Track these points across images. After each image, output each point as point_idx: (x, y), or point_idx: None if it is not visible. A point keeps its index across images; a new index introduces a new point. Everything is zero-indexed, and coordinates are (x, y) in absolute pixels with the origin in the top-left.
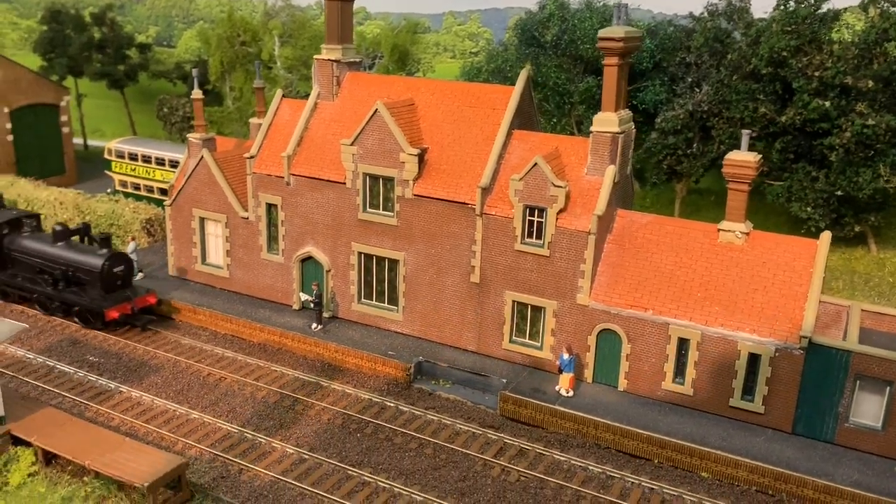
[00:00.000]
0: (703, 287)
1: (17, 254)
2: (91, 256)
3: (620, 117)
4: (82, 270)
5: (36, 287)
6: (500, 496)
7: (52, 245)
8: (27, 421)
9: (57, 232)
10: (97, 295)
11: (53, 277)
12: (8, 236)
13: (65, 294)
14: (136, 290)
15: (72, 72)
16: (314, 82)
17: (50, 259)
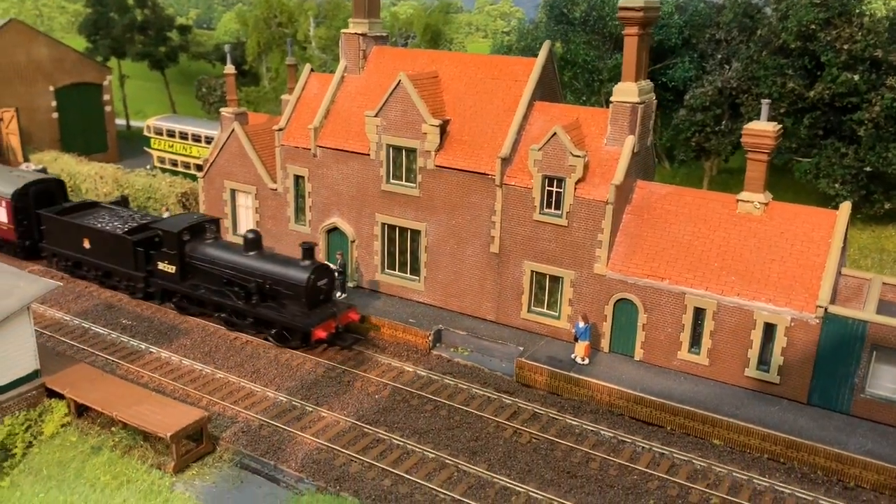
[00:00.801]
0: (721, 257)
1: (201, 263)
2: (293, 268)
3: (640, 87)
4: (283, 284)
5: (224, 301)
6: (510, 456)
7: (243, 255)
8: (61, 375)
9: (249, 240)
10: (299, 311)
11: (247, 291)
12: (189, 243)
13: (260, 309)
14: (337, 305)
15: (115, 53)
16: (341, 56)
17: (243, 270)
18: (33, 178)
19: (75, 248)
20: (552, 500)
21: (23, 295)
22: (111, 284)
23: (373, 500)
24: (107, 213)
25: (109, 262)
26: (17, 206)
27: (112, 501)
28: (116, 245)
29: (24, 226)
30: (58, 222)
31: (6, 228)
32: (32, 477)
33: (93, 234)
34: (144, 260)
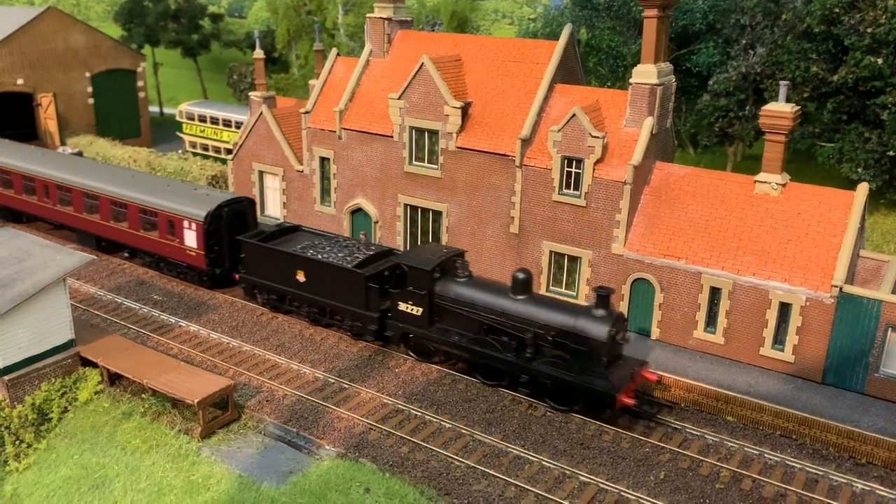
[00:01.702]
0: (737, 237)
1: (455, 305)
2: (586, 319)
3: (660, 69)
4: (573, 336)
5: (485, 351)
6: (525, 427)
7: (512, 298)
8: (95, 345)
9: (519, 281)
10: (593, 370)
11: (519, 342)
12: (440, 281)
13: (538, 365)
14: (627, 360)
15: (149, 41)
16: (366, 40)
17: (514, 317)
18: (224, 197)
19: (285, 280)
20: (564, 469)
21: (59, 267)
22: (326, 322)
23: (390, 466)
24: (319, 241)
25: (331, 298)
26: (208, 230)
27: (142, 464)
28: (343, 280)
29: (216, 252)
30: (263, 251)
31: (194, 254)
32: (67, 440)
33: (311, 266)
34: (378, 298)
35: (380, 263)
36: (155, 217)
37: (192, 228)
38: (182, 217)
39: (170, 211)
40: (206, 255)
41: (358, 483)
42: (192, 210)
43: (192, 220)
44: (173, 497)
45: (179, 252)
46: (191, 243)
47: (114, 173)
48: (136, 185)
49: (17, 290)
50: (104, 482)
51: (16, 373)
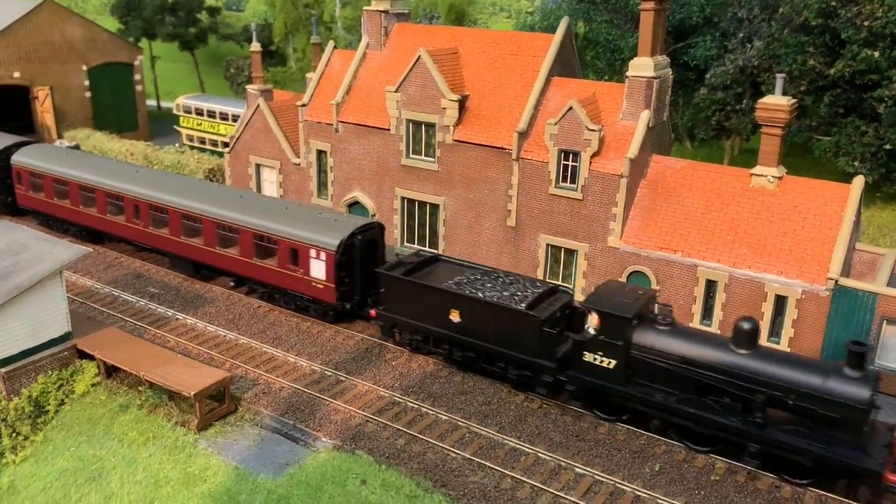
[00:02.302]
0: (733, 230)
1: (658, 359)
2: (840, 380)
3: (656, 62)
4: (821, 400)
5: (700, 414)
6: (521, 420)
7: (733, 351)
8: (91, 338)
9: (743, 332)
10: (841, 439)
11: (747, 404)
12: (638, 330)
13: (775, 433)
14: (875, 425)
15: (146, 34)
16: (363, 33)
17: (740, 374)
18: (357, 223)
19: (435, 319)
20: (559, 461)
21: (56, 260)
22: (482, 368)
23: (387, 458)
24: (474, 274)
25: (494, 343)
26: (340, 261)
27: (139, 456)
28: (510, 322)
29: (347, 284)
30: (410, 286)
31: (321, 287)
32: (64, 432)
33: (471, 305)
34: (554, 345)
35: (550, 302)
36: (274, 244)
37: (320, 258)
38: (309, 245)
39: (294, 238)
40: (336, 287)
41: (354, 475)
42: (322, 238)
43: (321, 250)
44: (170, 489)
45: (303, 284)
46: (318, 275)
47: (219, 193)
48: (248, 207)
49: (13, 283)
50: (101, 474)
51: (12, 365)
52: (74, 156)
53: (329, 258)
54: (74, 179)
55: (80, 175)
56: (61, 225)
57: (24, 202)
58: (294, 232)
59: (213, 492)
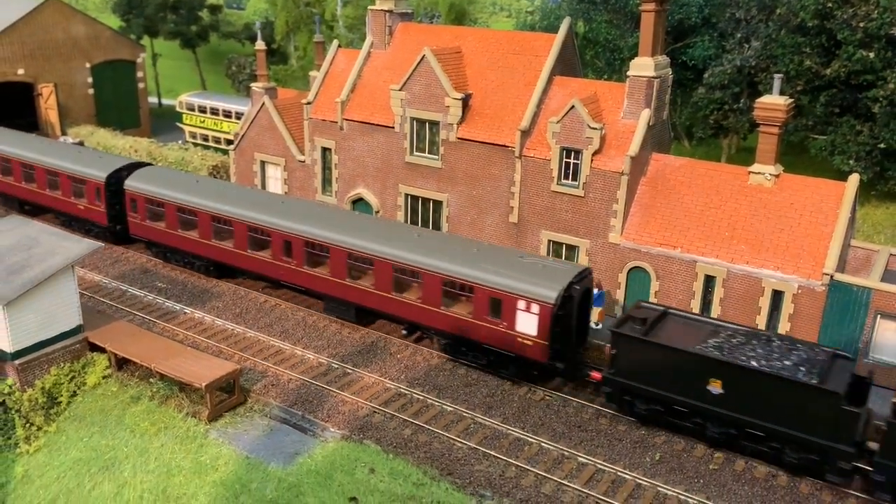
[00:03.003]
0: (731, 227)
1: None
2: None
3: (657, 62)
4: None
5: None
6: (524, 411)
7: None
8: (102, 331)
9: None
10: None
11: None
12: None
13: None
14: None
15: (148, 31)
16: (367, 32)
17: None
18: (573, 271)
19: (687, 389)
20: (562, 451)
21: (67, 254)
22: (743, 448)
23: (394, 447)
24: (732, 336)
25: (770, 420)
26: (557, 315)
27: (151, 446)
28: (794, 398)
29: (561, 341)
30: (652, 349)
31: (531, 344)
32: (77, 423)
33: (740, 375)
34: (854, 425)
35: (839, 370)
36: (467, 292)
37: (531, 311)
38: (518, 296)
39: (497, 287)
40: (549, 345)
41: (363, 463)
42: (535, 289)
43: (533, 301)
44: (182, 478)
45: (504, 339)
46: (526, 329)
47: (392, 231)
48: (432, 248)
49: (26, 277)
50: (114, 464)
51: (26, 357)
52: (203, 182)
53: (544, 312)
54: (206, 209)
55: (213, 205)
56: (183, 258)
57: (138, 231)
58: (497, 280)
59: (224, 480)
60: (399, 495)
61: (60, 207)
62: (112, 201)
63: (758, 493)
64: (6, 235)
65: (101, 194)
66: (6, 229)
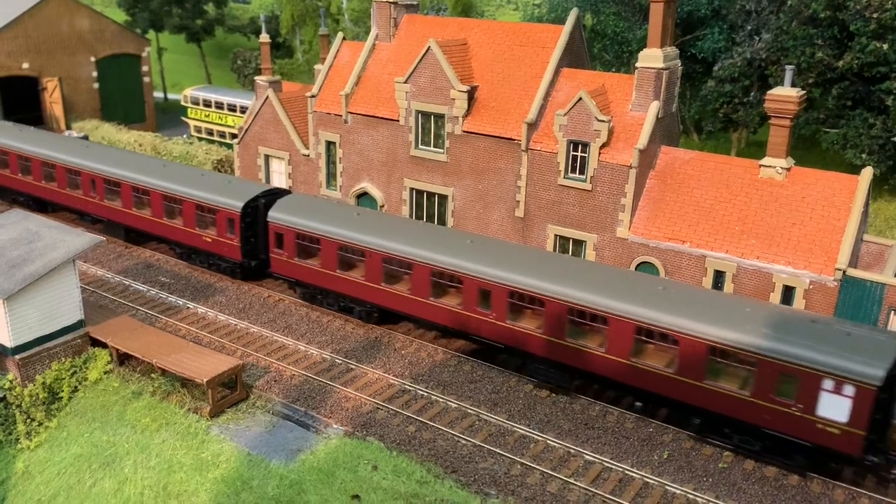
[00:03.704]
0: (741, 221)
1: None
2: None
3: (666, 54)
4: None
5: None
6: (530, 408)
7: None
8: (104, 326)
9: None
10: None
11: None
12: None
13: None
14: None
15: (153, 25)
16: (372, 24)
17: None
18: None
19: None
20: (569, 448)
21: (68, 248)
22: None
23: (398, 444)
24: None
25: None
26: (881, 399)
27: (152, 442)
28: None
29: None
30: None
31: (837, 434)
32: (78, 419)
33: None
34: None
35: None
36: (744, 365)
37: (842, 393)
38: (823, 372)
39: (787, 360)
40: (864, 435)
41: (366, 461)
42: (849, 364)
43: (847, 381)
44: (183, 474)
45: (796, 424)
46: (834, 415)
47: (633, 283)
48: (679, 303)
49: (27, 271)
50: (115, 460)
51: (27, 352)
52: (365, 215)
53: (863, 396)
54: (379, 249)
55: (386, 243)
56: (338, 300)
57: (283, 270)
58: (786, 349)
59: (225, 477)
60: (402, 493)
61: (179, 238)
62: (247, 234)
63: (768, 492)
64: (7, 229)
65: (236, 226)
66: (7, 223)
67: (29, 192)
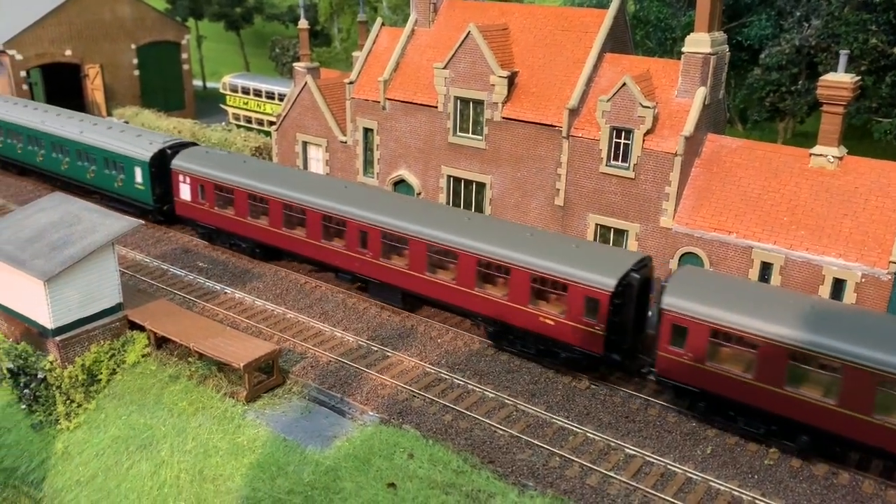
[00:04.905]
0: (790, 212)
1: None
2: None
3: (713, 38)
4: None
5: None
6: (569, 399)
7: None
8: (142, 309)
9: None
10: None
11: None
12: None
13: None
14: None
15: (193, 13)
16: (412, 9)
17: None
18: None
19: None
20: (609, 441)
21: (108, 231)
22: None
23: (434, 433)
24: None
25: None
26: None
27: (188, 425)
28: None
29: None
30: None
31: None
32: (116, 401)
33: None
34: None
35: None
36: None
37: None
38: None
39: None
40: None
41: (402, 449)
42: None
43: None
44: (219, 458)
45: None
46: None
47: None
48: None
49: (67, 253)
50: (151, 442)
51: (67, 334)
52: None
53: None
54: None
55: None
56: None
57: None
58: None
59: (261, 462)
60: (438, 482)
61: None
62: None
63: (816, 490)
64: (49, 213)
65: (602, 309)
66: (49, 206)
67: (260, 238)
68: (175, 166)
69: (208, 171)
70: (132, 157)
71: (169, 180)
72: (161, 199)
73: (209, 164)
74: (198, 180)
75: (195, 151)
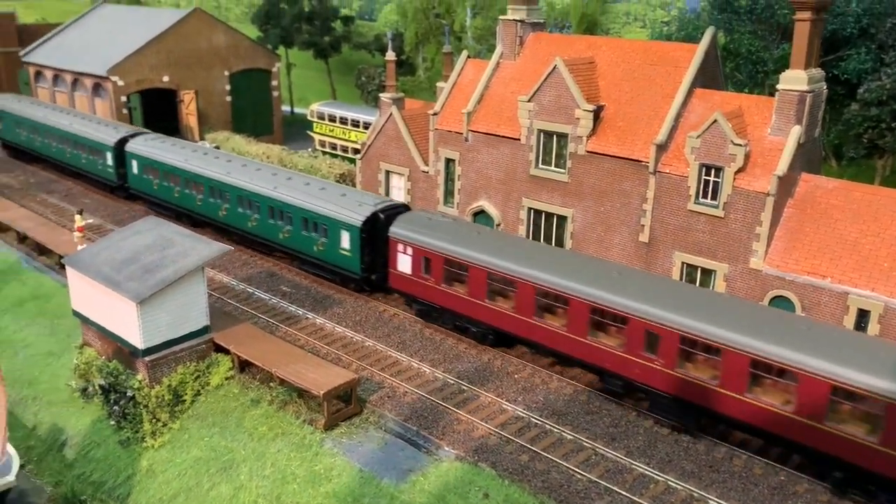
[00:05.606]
0: (892, 257)
1: None
2: None
3: (810, 76)
4: None
5: None
6: (650, 445)
7: None
8: (227, 332)
9: None
10: None
11: None
12: None
13: None
14: None
15: (283, 42)
16: (498, 42)
17: None
18: None
19: None
20: (692, 491)
21: (199, 255)
22: None
23: (510, 473)
24: None
25: None
26: None
27: (267, 451)
28: None
29: None
30: None
31: None
32: (199, 422)
33: None
34: None
35: None
36: None
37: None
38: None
39: None
40: None
41: (477, 487)
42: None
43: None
44: (296, 486)
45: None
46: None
47: None
48: None
49: (160, 276)
50: (231, 465)
51: (156, 354)
52: None
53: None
54: None
55: None
56: None
57: None
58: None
59: (337, 492)
60: None
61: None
62: None
63: None
64: (144, 235)
65: None
66: (144, 229)
67: (498, 325)
68: (394, 234)
69: (437, 244)
70: (340, 221)
71: (379, 248)
72: (369, 267)
73: (437, 235)
74: (422, 252)
75: (416, 218)
